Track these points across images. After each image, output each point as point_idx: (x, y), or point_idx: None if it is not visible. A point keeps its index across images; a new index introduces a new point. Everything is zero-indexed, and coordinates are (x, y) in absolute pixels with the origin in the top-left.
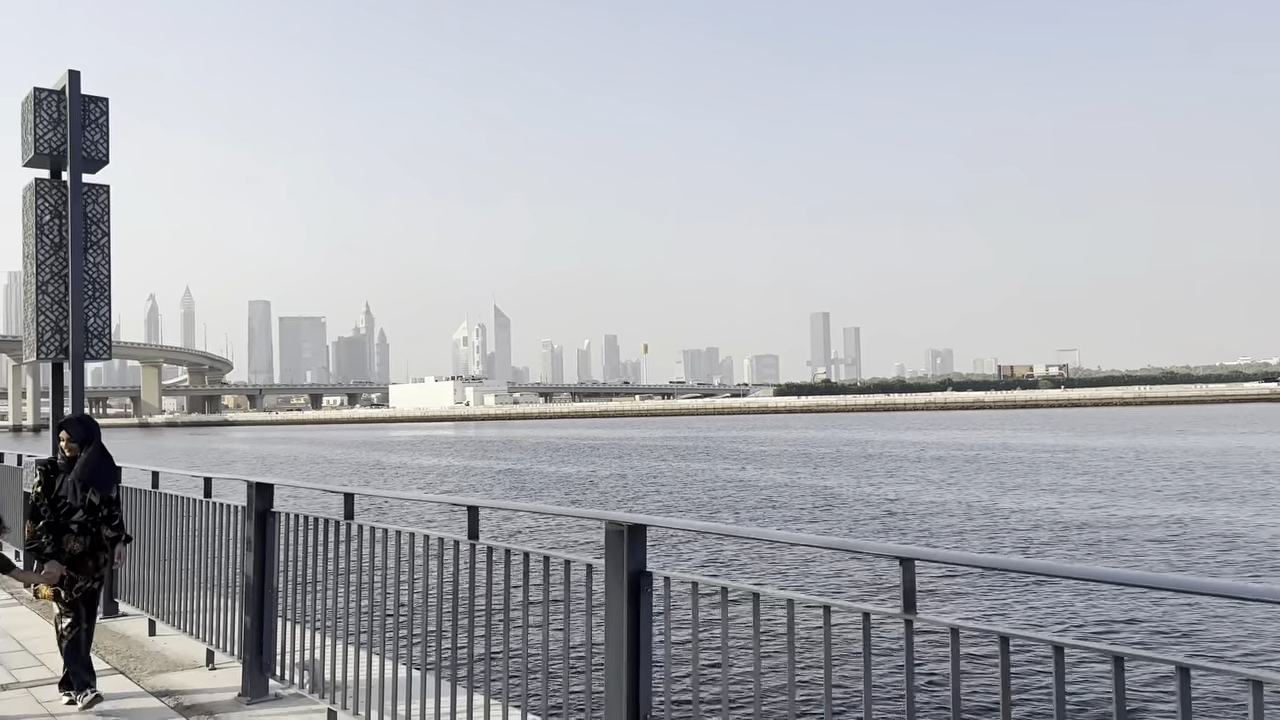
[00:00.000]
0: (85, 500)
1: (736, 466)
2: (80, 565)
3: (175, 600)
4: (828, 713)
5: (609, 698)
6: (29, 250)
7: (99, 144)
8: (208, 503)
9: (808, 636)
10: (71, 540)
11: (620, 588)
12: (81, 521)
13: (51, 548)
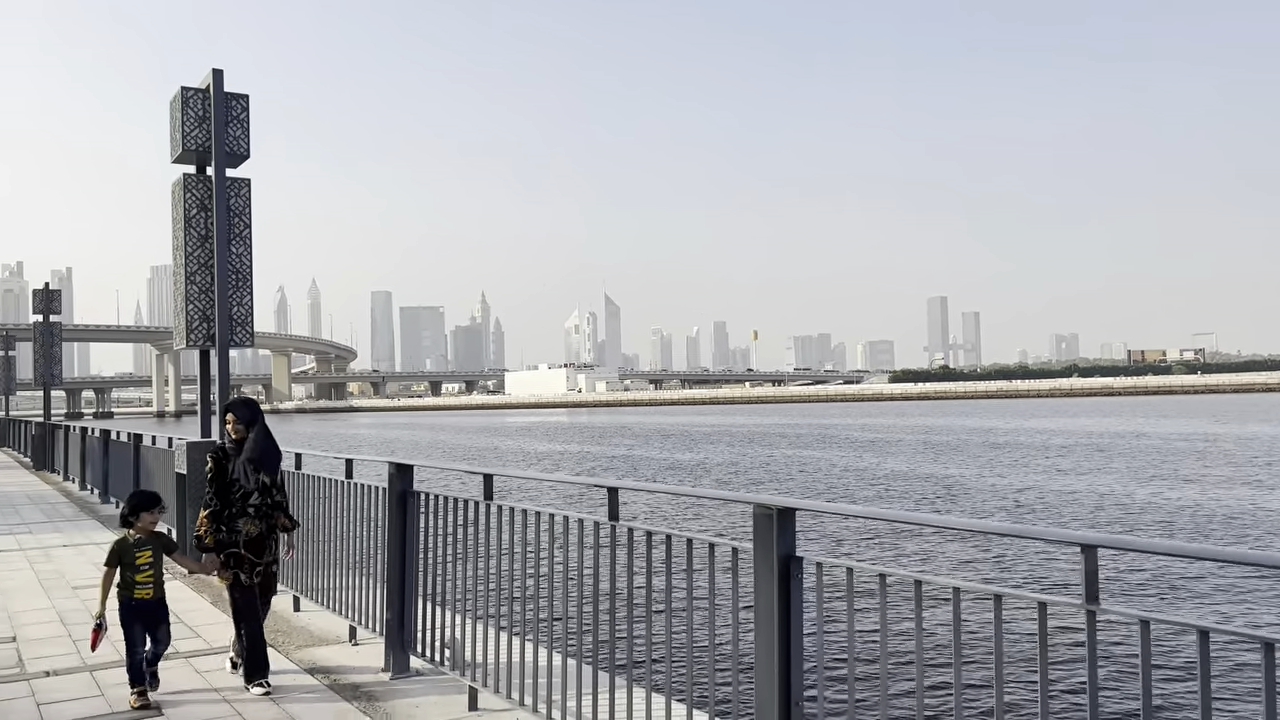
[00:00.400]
0: (258, 482)
1: (853, 454)
2: (258, 548)
3: (319, 578)
4: (998, 711)
5: (758, 685)
6: (178, 242)
7: (240, 139)
8: (349, 483)
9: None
10: (248, 523)
11: (770, 573)
12: (258, 505)
13: (225, 535)
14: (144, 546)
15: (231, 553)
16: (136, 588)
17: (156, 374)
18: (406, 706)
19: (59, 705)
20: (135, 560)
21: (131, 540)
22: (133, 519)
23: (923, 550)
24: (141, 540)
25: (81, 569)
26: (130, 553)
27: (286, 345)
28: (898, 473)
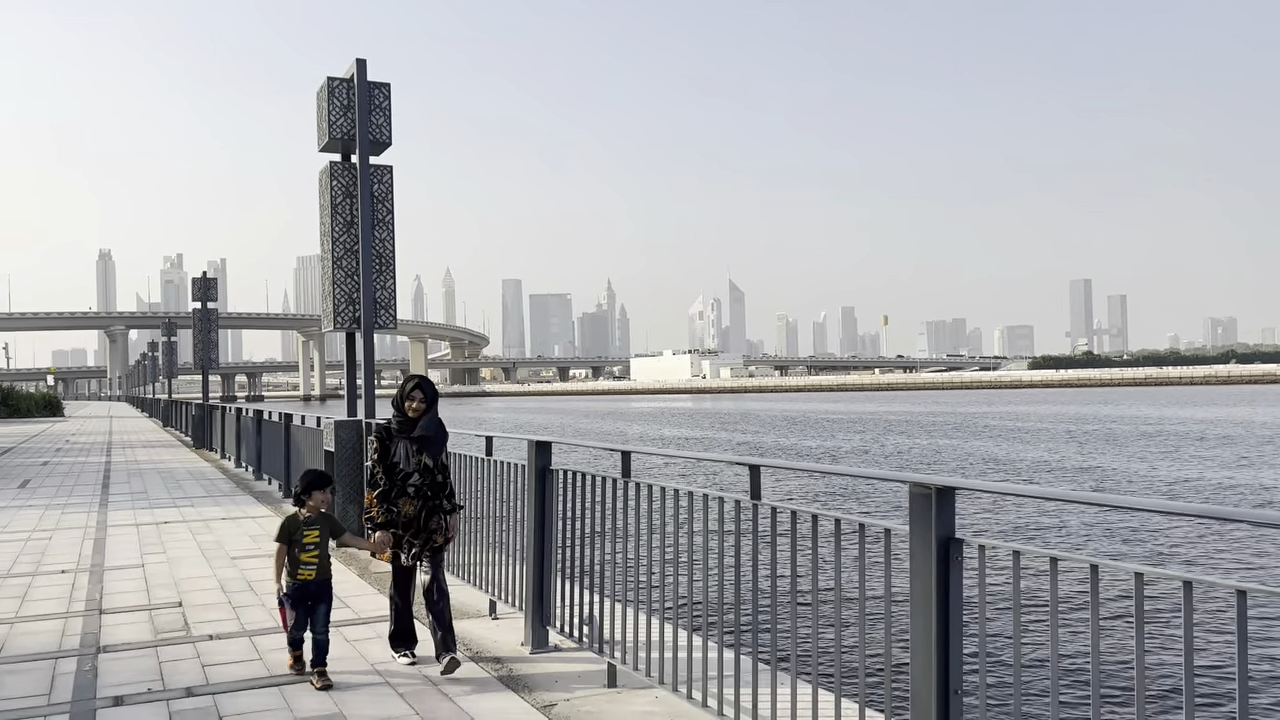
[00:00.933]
0: (420, 464)
1: (992, 443)
2: (416, 528)
3: (461, 553)
4: (1188, 706)
5: (914, 674)
6: (325, 228)
7: (383, 127)
8: (489, 460)
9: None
10: (407, 503)
11: (928, 555)
12: (417, 485)
13: (384, 515)
14: (312, 526)
15: (392, 533)
16: (301, 567)
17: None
18: (546, 680)
19: (221, 667)
20: (303, 539)
21: (301, 519)
22: (305, 497)
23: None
24: (310, 519)
25: (238, 540)
26: (299, 530)
27: (423, 332)
28: (1040, 462)
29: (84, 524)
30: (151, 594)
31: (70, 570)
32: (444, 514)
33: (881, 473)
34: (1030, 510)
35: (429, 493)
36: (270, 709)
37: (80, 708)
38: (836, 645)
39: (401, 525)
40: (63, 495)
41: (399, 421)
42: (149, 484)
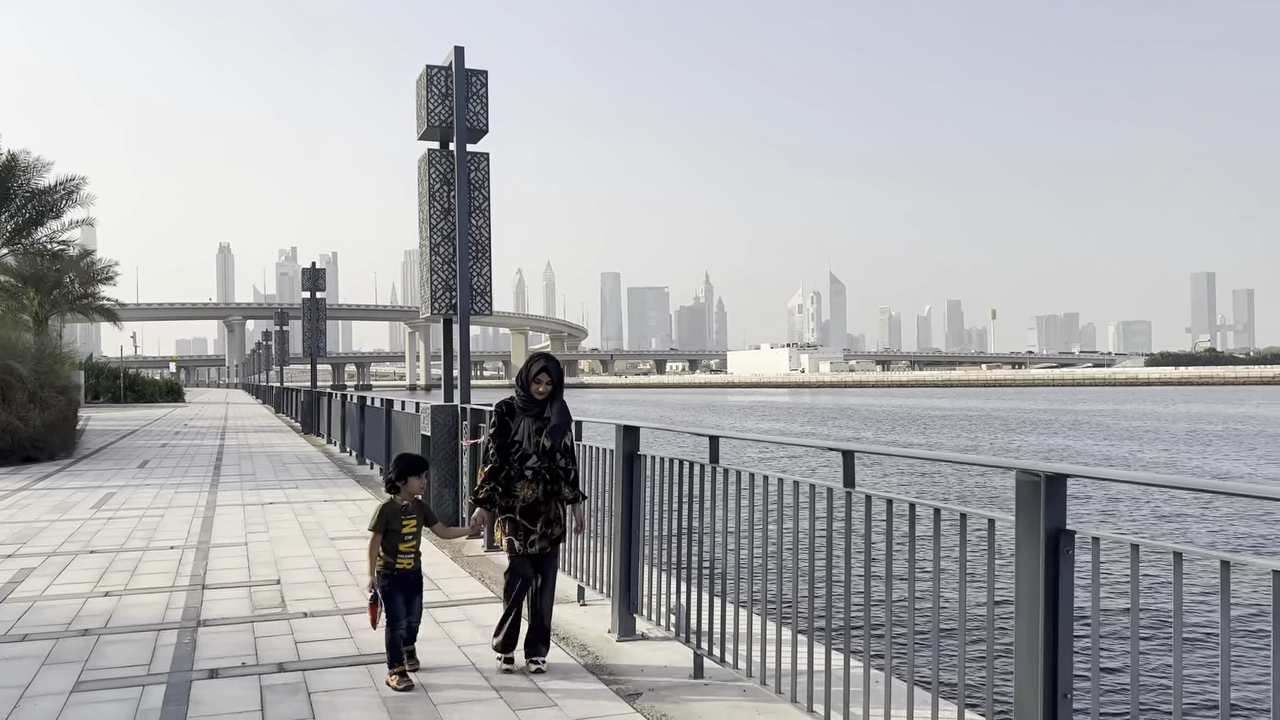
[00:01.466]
0: (538, 445)
1: (1106, 444)
2: (533, 514)
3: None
4: None
5: (1019, 675)
6: (423, 216)
7: (479, 115)
8: (578, 445)
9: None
10: (525, 487)
11: (1035, 547)
12: (536, 468)
13: (486, 492)
14: (409, 514)
15: (507, 518)
16: (400, 557)
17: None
18: (632, 669)
19: (313, 645)
20: (401, 528)
21: (399, 506)
22: (400, 484)
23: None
24: (407, 507)
25: (338, 522)
26: (397, 519)
27: (524, 324)
28: (1158, 463)
29: (195, 503)
30: (252, 571)
31: (178, 547)
32: (563, 502)
33: (985, 459)
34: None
35: (548, 476)
36: (357, 687)
37: (177, 679)
38: (934, 643)
39: (520, 511)
40: (177, 475)
41: (523, 400)
42: (257, 466)
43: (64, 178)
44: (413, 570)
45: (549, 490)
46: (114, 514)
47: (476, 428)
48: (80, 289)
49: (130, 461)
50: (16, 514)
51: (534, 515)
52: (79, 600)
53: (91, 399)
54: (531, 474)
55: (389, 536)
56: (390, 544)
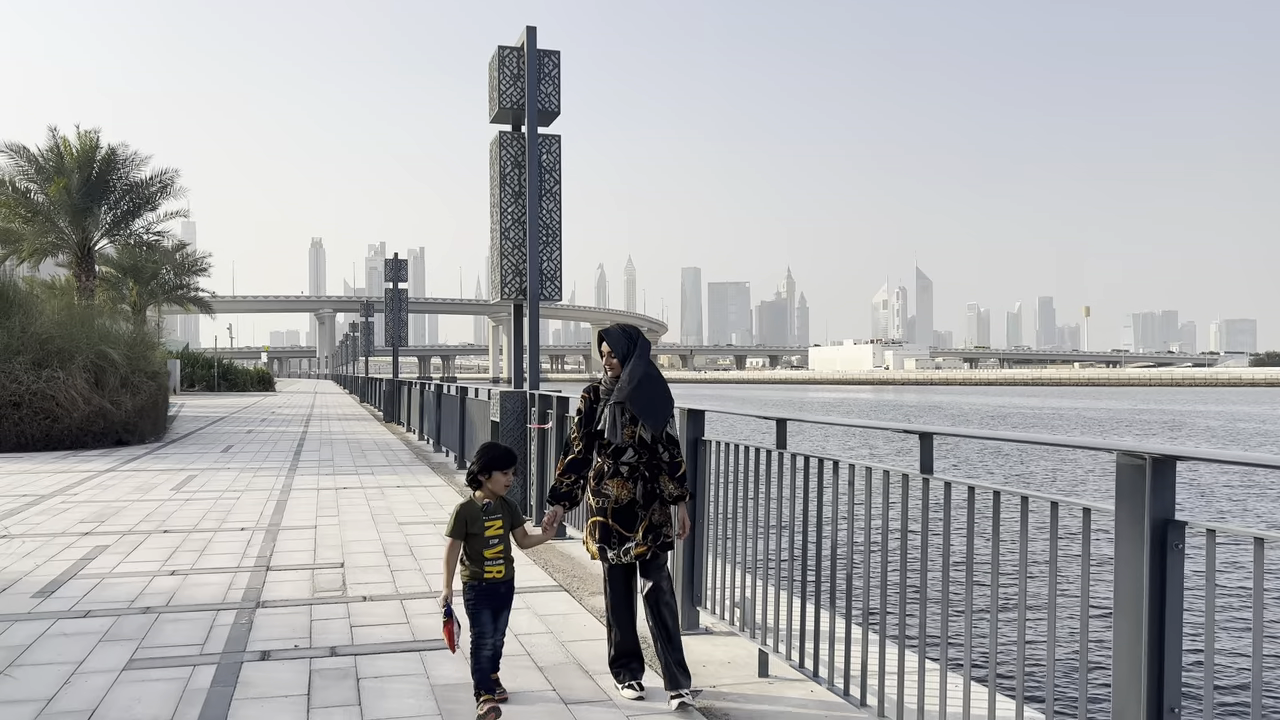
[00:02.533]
0: (633, 436)
1: (1208, 446)
2: (629, 517)
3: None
4: None
5: (1117, 684)
6: (494, 200)
7: (550, 96)
8: None
9: None
10: (618, 486)
11: (1139, 540)
12: (632, 464)
13: (594, 497)
14: (494, 514)
15: (596, 522)
16: (486, 565)
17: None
18: (694, 665)
19: (368, 629)
20: (484, 530)
21: (481, 505)
22: (483, 477)
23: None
24: (491, 506)
25: (409, 508)
26: (479, 520)
27: (604, 318)
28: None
29: (271, 486)
30: (318, 554)
31: (248, 529)
32: (667, 500)
33: (1081, 440)
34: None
35: (646, 474)
36: (407, 674)
37: (228, 659)
38: (1020, 642)
39: (613, 514)
40: (258, 460)
41: (610, 379)
42: (336, 452)
43: (160, 170)
44: (504, 580)
45: (649, 490)
46: (192, 496)
47: (545, 413)
48: (176, 280)
49: (215, 446)
50: (99, 494)
51: (630, 519)
52: (145, 579)
53: (187, 387)
54: (627, 470)
55: (471, 541)
56: (474, 550)
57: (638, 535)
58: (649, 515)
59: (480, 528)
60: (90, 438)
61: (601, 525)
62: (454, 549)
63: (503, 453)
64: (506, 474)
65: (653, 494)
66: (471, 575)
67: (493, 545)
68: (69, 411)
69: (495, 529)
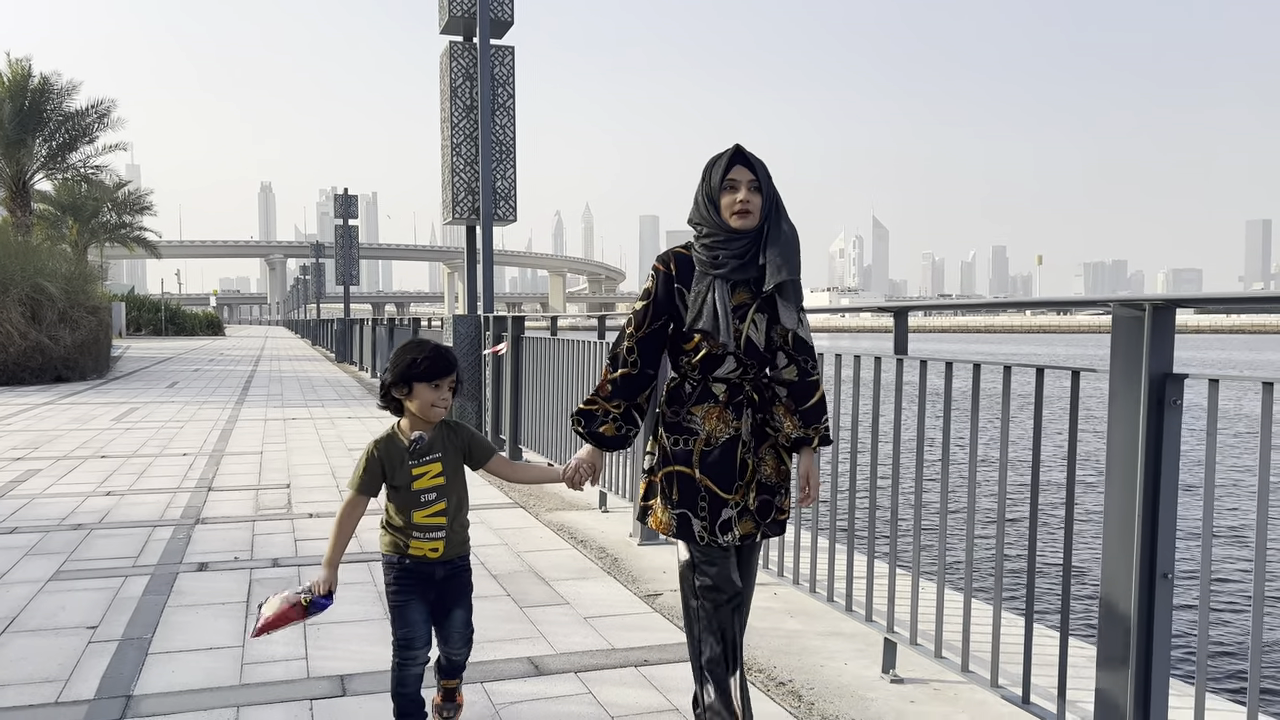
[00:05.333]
0: (743, 336)
1: None
2: (726, 469)
3: (570, 444)
4: None
5: (1107, 550)
6: (445, 113)
7: (504, 5)
8: (600, 344)
9: None
10: (712, 414)
11: (1134, 397)
12: (736, 381)
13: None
14: (429, 454)
15: (677, 471)
16: (414, 536)
17: (447, 289)
18: (652, 571)
19: (314, 542)
20: (411, 481)
21: (406, 442)
22: (400, 395)
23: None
24: (423, 441)
25: (360, 436)
26: (403, 465)
27: (561, 266)
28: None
29: (216, 418)
30: (263, 477)
31: (191, 454)
32: (786, 444)
33: (1074, 297)
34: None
35: (755, 397)
36: (352, 582)
37: (163, 570)
38: (999, 522)
39: (702, 462)
40: (204, 395)
41: (711, 240)
42: (286, 389)
43: (95, 100)
44: (444, 559)
45: (761, 423)
46: (133, 426)
47: (500, 335)
48: (118, 219)
49: (160, 382)
50: (35, 424)
51: (728, 471)
52: (78, 499)
53: (133, 331)
54: (726, 391)
55: (394, 497)
56: (399, 508)
57: (748, 499)
58: (758, 468)
59: (406, 477)
60: (28, 373)
61: (683, 479)
62: (352, 510)
63: (430, 354)
64: (439, 387)
65: (765, 434)
66: (392, 546)
67: (426, 503)
68: (4, 346)
69: (430, 477)
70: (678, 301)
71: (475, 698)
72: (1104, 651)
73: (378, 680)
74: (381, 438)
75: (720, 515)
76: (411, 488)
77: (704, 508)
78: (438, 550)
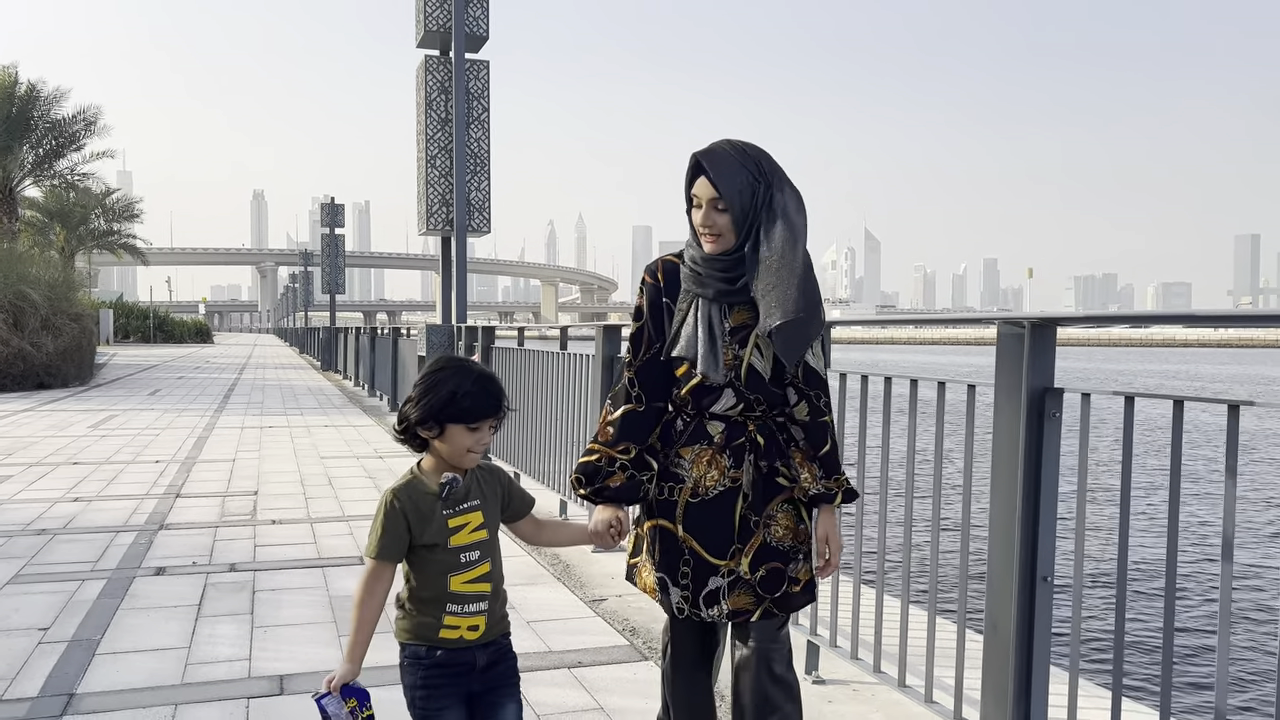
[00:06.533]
0: (744, 365)
1: None
2: (721, 525)
3: (535, 454)
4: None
5: (993, 555)
6: (420, 126)
7: (479, 20)
8: (563, 354)
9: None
10: (701, 458)
11: (1016, 409)
12: (733, 415)
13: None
14: (462, 502)
15: (658, 526)
16: (449, 611)
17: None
18: (601, 577)
19: (273, 548)
20: (448, 535)
21: (439, 489)
22: (429, 433)
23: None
24: (458, 485)
25: (334, 444)
26: (433, 515)
27: (554, 275)
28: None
29: (194, 425)
30: (232, 484)
31: (163, 461)
32: (800, 500)
33: (967, 315)
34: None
35: (760, 439)
36: (306, 587)
37: (120, 575)
38: (906, 530)
39: (687, 516)
40: (185, 402)
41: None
42: (267, 397)
43: (82, 107)
44: (486, 642)
45: (769, 473)
46: (109, 433)
47: (471, 345)
48: (107, 226)
49: (142, 390)
50: (11, 430)
51: (723, 529)
52: (45, 505)
53: (121, 338)
54: (724, 432)
55: (421, 563)
56: (428, 578)
57: (741, 566)
58: (761, 528)
59: (441, 532)
60: (9, 380)
61: (665, 536)
62: (374, 584)
63: (474, 387)
64: (477, 429)
65: (774, 484)
66: (416, 632)
67: (468, 564)
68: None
69: (471, 530)
70: (665, 319)
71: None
72: (990, 649)
73: (316, 680)
74: (401, 485)
75: (706, 584)
76: (449, 544)
77: (686, 574)
78: (478, 629)
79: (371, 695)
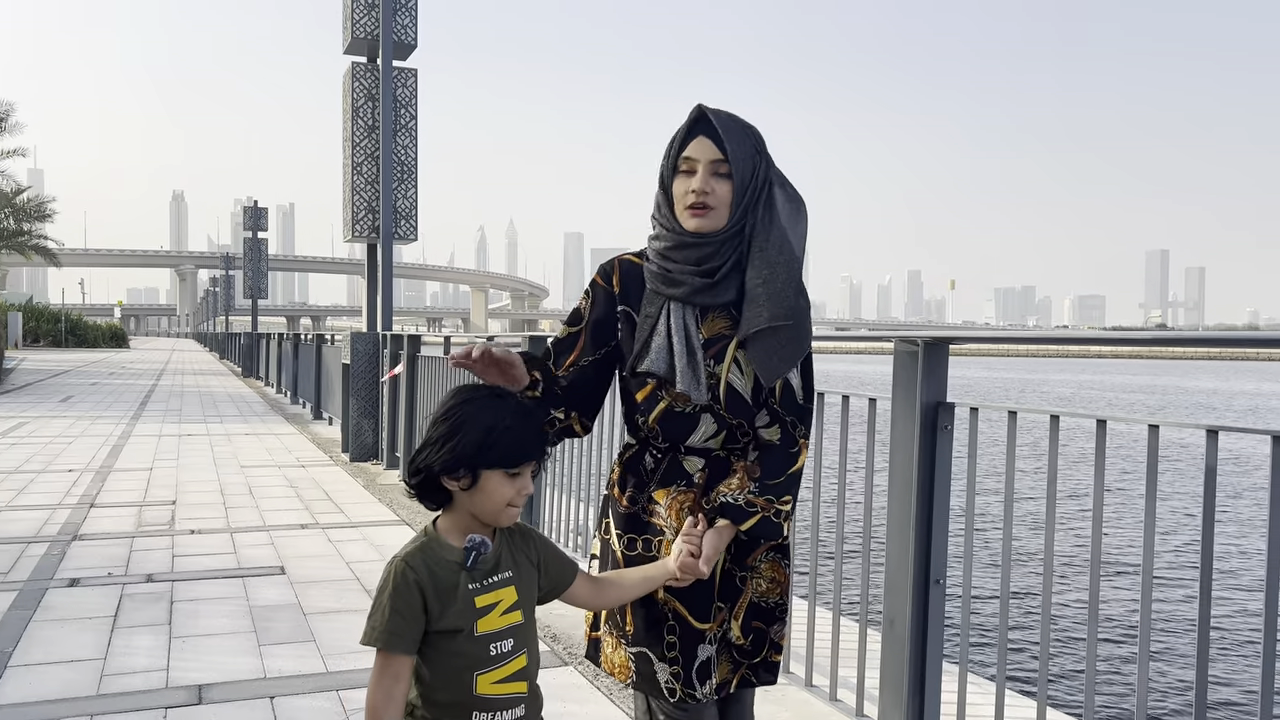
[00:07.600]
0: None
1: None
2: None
3: None
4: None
5: (890, 560)
6: (346, 133)
7: (408, 28)
8: None
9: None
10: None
11: (911, 422)
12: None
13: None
14: (495, 575)
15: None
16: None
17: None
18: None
19: (191, 558)
20: (475, 618)
21: (462, 556)
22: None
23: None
24: (485, 550)
25: (255, 453)
26: (454, 593)
27: (484, 281)
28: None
29: (108, 433)
30: (149, 493)
31: (77, 470)
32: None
33: (863, 333)
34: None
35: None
36: (226, 597)
37: (32, 587)
38: (813, 532)
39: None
40: (99, 410)
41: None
42: (186, 404)
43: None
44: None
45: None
46: (18, 441)
47: (396, 354)
48: (16, 225)
49: (53, 397)
50: None
51: (705, 587)
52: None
53: (30, 342)
54: (704, 469)
55: (437, 655)
56: (447, 673)
57: (733, 630)
58: (748, 583)
59: (466, 614)
60: None
61: (643, 600)
62: (390, 682)
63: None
64: (518, 475)
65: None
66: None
67: (498, 657)
68: None
69: (502, 611)
70: (621, 330)
71: (328, 704)
72: (888, 647)
73: (236, 689)
74: (413, 550)
75: (696, 655)
76: (475, 631)
77: (673, 644)
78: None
79: None
